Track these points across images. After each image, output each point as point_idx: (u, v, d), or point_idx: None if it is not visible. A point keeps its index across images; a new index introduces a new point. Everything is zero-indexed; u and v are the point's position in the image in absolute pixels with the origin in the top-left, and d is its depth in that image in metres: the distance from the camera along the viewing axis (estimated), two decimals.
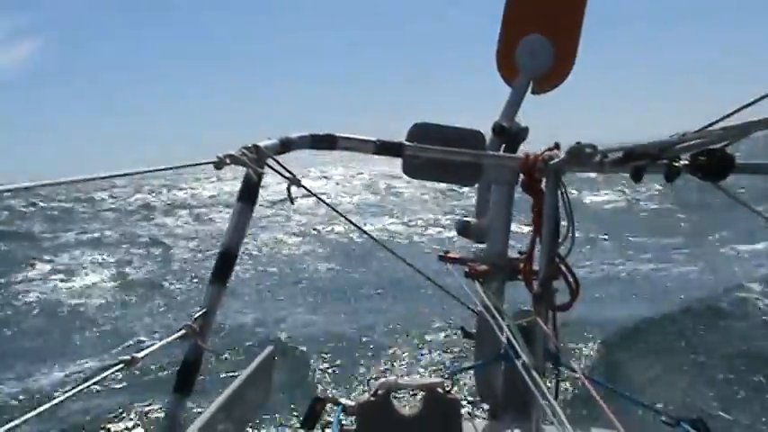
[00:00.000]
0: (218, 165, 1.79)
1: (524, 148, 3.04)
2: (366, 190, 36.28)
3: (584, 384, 1.83)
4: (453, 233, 3.41)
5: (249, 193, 1.97)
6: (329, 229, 21.01)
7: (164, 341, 1.77)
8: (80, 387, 1.56)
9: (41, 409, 1.37)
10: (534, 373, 1.89)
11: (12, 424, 1.28)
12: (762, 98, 1.64)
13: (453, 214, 21.88)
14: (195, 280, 15.91)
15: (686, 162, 1.92)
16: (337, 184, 41.61)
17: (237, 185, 1.98)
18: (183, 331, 1.81)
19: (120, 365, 1.62)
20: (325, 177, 44.81)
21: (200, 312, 1.88)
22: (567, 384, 2.82)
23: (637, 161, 1.97)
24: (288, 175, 2.00)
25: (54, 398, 1.48)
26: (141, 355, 1.66)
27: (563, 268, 2.38)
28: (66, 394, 1.51)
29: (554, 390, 2.83)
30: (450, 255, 3.30)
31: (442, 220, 23.02)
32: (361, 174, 44.03)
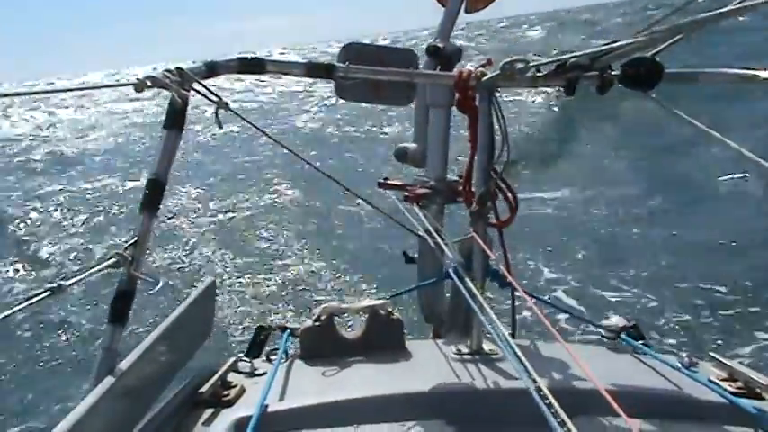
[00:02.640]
0: (138, 87, 1.72)
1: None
2: None
3: (527, 301, 1.87)
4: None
5: (175, 118, 1.90)
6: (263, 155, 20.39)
7: (93, 269, 1.72)
8: (4, 314, 1.51)
9: None
10: (475, 291, 1.91)
11: None
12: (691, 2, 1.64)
13: None
14: None
15: (617, 73, 1.92)
16: None
17: None
18: (113, 259, 1.77)
19: (47, 293, 1.57)
20: None
21: (132, 241, 1.83)
22: (510, 301, 2.92)
23: (569, 73, 1.96)
24: (215, 98, 1.94)
25: None
26: (69, 282, 1.61)
27: (501, 185, 2.40)
28: None
29: (508, 308, 2.90)
30: (390, 181, 3.29)
31: None
32: None
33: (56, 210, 16.55)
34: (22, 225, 15.28)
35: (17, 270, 12.10)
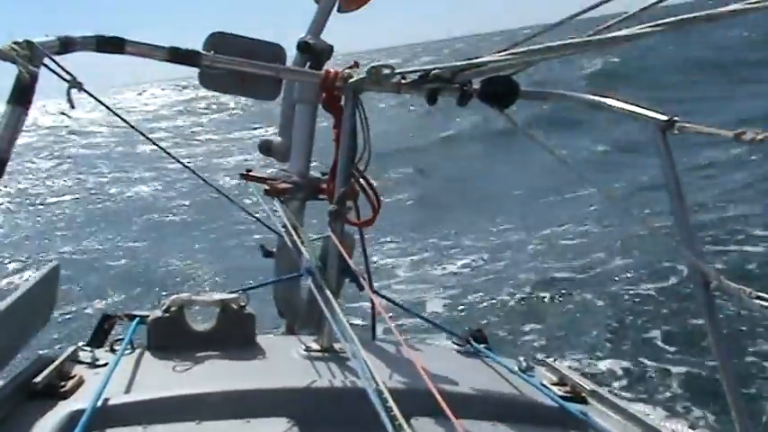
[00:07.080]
0: None
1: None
2: None
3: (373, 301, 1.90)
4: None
5: (21, 94, 1.76)
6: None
7: None
8: None
9: None
10: (326, 291, 1.92)
11: None
12: (556, 25, 1.75)
13: None
14: None
15: (477, 88, 2.01)
16: None
17: None
18: None
19: None
20: None
21: None
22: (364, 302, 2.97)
23: (431, 84, 2.03)
24: (68, 77, 1.83)
25: None
26: None
27: (363, 184, 2.42)
28: None
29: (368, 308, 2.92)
30: (253, 173, 3.25)
31: None
32: None
33: None
34: None
35: None
